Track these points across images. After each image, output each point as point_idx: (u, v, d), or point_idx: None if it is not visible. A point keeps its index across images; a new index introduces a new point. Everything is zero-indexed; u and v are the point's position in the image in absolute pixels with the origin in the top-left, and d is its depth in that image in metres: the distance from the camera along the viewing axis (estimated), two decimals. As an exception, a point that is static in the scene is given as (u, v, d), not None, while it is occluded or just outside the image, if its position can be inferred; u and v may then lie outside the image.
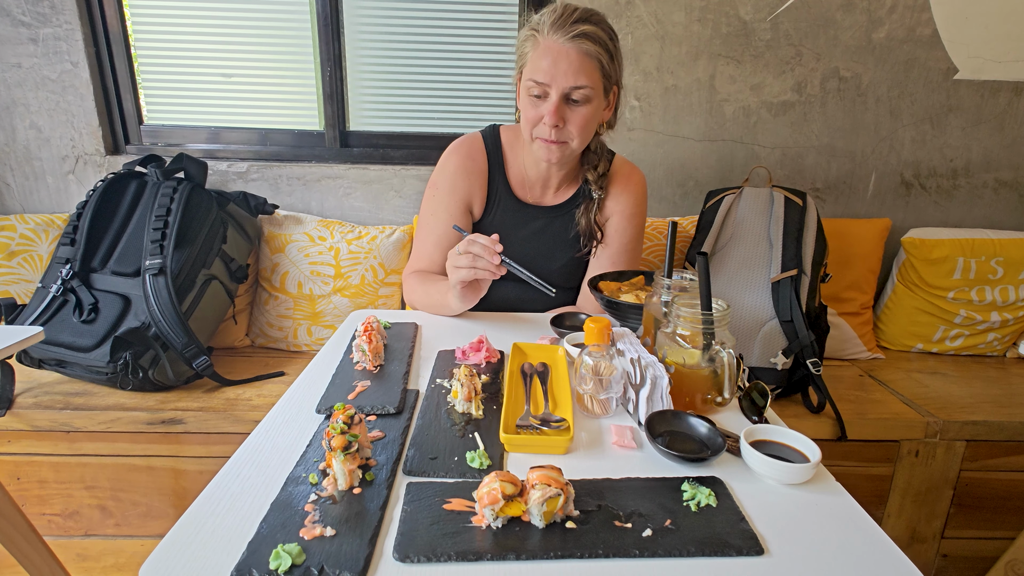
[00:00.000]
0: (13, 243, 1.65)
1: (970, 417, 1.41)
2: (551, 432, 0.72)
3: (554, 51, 1.02)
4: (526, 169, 1.23)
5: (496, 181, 1.22)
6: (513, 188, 1.23)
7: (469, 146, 1.23)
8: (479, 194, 1.22)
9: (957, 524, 1.47)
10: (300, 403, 0.80)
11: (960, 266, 1.73)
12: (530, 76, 1.05)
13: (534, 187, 1.24)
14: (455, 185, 1.20)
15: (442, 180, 1.22)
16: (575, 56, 1.01)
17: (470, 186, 1.21)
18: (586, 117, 1.06)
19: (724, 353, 0.77)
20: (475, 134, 1.25)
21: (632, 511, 0.60)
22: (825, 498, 0.64)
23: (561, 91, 1.03)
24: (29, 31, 1.69)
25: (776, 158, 1.86)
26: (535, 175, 1.22)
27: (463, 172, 1.20)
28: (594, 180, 1.20)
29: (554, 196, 1.25)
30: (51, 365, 1.40)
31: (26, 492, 1.35)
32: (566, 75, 1.02)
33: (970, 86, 1.80)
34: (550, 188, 1.24)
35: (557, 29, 1.01)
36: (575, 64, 1.01)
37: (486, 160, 1.22)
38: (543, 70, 1.02)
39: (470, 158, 1.21)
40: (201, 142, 1.88)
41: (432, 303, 1.15)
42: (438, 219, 1.21)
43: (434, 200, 1.22)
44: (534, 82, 1.04)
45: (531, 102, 1.07)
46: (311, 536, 0.54)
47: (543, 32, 1.03)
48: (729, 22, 1.74)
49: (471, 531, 0.56)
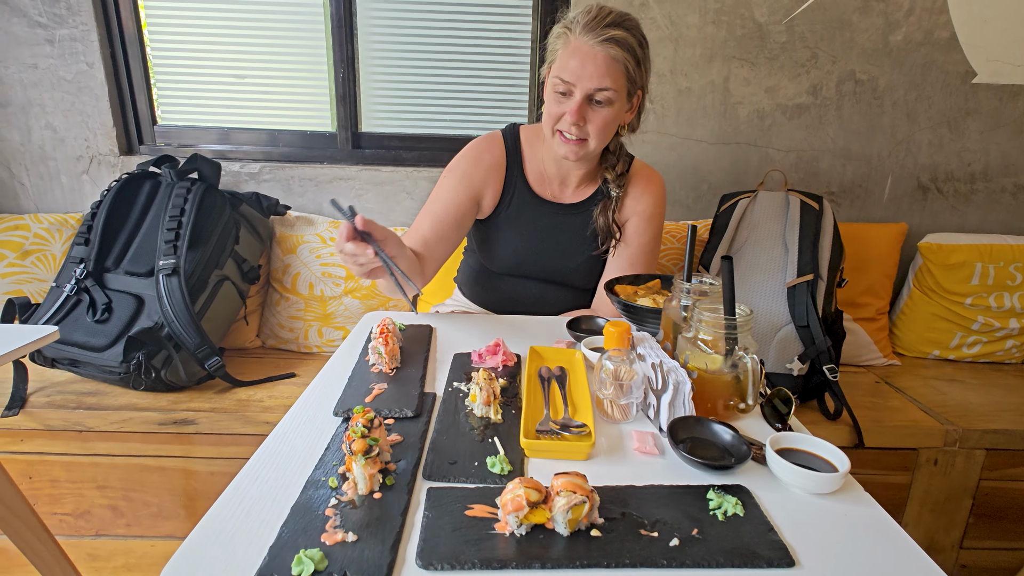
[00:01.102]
0: (27, 242, 1.66)
1: (990, 425, 1.39)
2: (572, 437, 0.71)
3: (583, 52, 1.03)
4: (544, 165, 1.24)
5: (513, 175, 1.24)
6: (531, 183, 1.24)
7: (488, 142, 1.25)
8: (493, 187, 1.24)
9: (976, 534, 1.45)
10: (317, 405, 0.79)
11: (978, 272, 1.71)
12: (557, 73, 1.07)
13: (552, 183, 1.25)
14: (467, 173, 1.22)
15: (457, 166, 1.24)
16: (602, 59, 1.03)
17: (484, 178, 1.23)
18: (606, 119, 1.08)
19: (748, 359, 0.75)
20: (495, 132, 1.28)
21: (657, 519, 0.59)
22: (854, 508, 0.62)
23: (585, 92, 1.05)
24: (46, 32, 1.70)
25: (791, 161, 1.85)
26: (554, 171, 1.24)
27: (479, 164, 1.23)
28: (612, 179, 1.21)
29: (573, 194, 1.25)
30: (64, 364, 1.40)
31: (38, 491, 1.35)
32: (592, 77, 1.03)
33: (988, 89, 1.78)
34: (569, 185, 1.25)
35: (589, 31, 1.03)
36: (601, 67, 1.03)
37: (504, 155, 1.24)
38: (570, 69, 1.04)
39: (488, 152, 1.24)
40: (214, 143, 1.88)
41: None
42: (441, 200, 1.22)
43: (444, 182, 1.24)
44: (560, 80, 1.06)
45: (555, 98, 1.09)
46: (333, 541, 0.53)
47: (575, 32, 1.05)
48: (744, 24, 1.73)
49: (494, 538, 0.55)
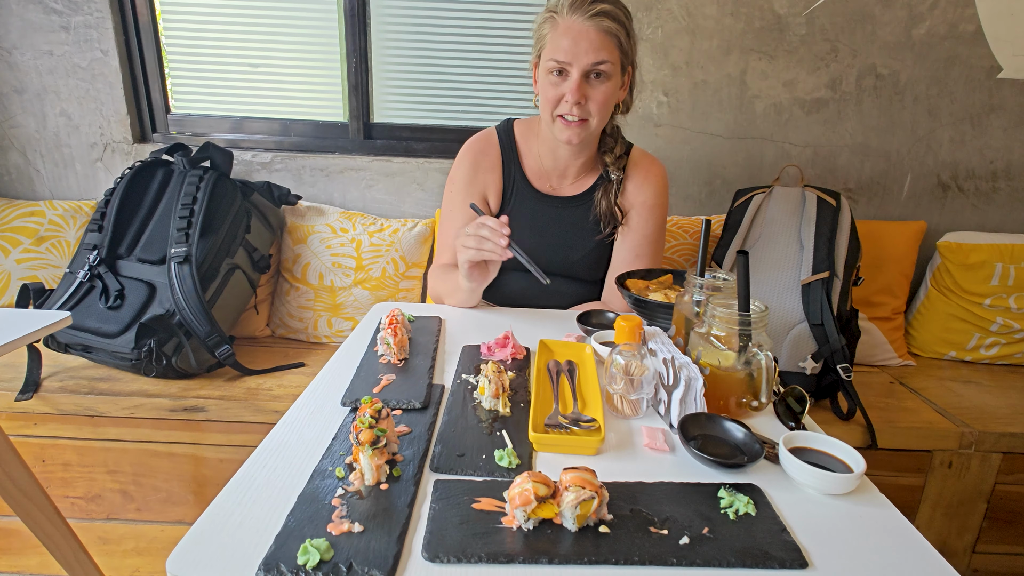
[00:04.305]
0: (42, 228, 1.68)
1: (1007, 429, 1.36)
2: (581, 432, 0.70)
3: (575, 30, 1.04)
4: (542, 159, 1.23)
5: (511, 172, 1.24)
6: (530, 178, 1.24)
7: (483, 141, 1.25)
8: (494, 186, 1.24)
9: (990, 539, 1.42)
10: (325, 395, 0.79)
11: (998, 272, 1.67)
12: (551, 56, 1.07)
13: (551, 176, 1.24)
14: (470, 179, 1.23)
15: (458, 176, 1.24)
16: (595, 34, 1.04)
17: (485, 179, 1.23)
18: (606, 94, 1.08)
19: (761, 356, 0.74)
20: (489, 129, 1.27)
21: (667, 517, 0.58)
22: (869, 510, 0.61)
23: (583, 68, 1.05)
24: (61, 19, 1.71)
25: (807, 157, 1.81)
26: (551, 164, 1.23)
27: (477, 166, 1.23)
28: (612, 162, 1.20)
29: (572, 186, 1.24)
30: (77, 350, 1.42)
31: (51, 474, 1.37)
32: (587, 52, 1.04)
33: (1014, 85, 1.73)
34: (567, 177, 1.24)
35: (576, 9, 1.04)
36: (596, 42, 1.04)
37: (500, 153, 1.24)
38: (564, 49, 1.04)
39: (483, 152, 1.24)
40: (226, 132, 1.88)
41: (448, 288, 1.18)
42: (458, 214, 1.24)
43: (452, 196, 1.25)
44: (555, 61, 1.06)
45: (552, 82, 1.08)
46: (339, 532, 0.53)
47: (562, 13, 1.06)
48: (763, 16, 1.70)
49: (501, 532, 0.54)
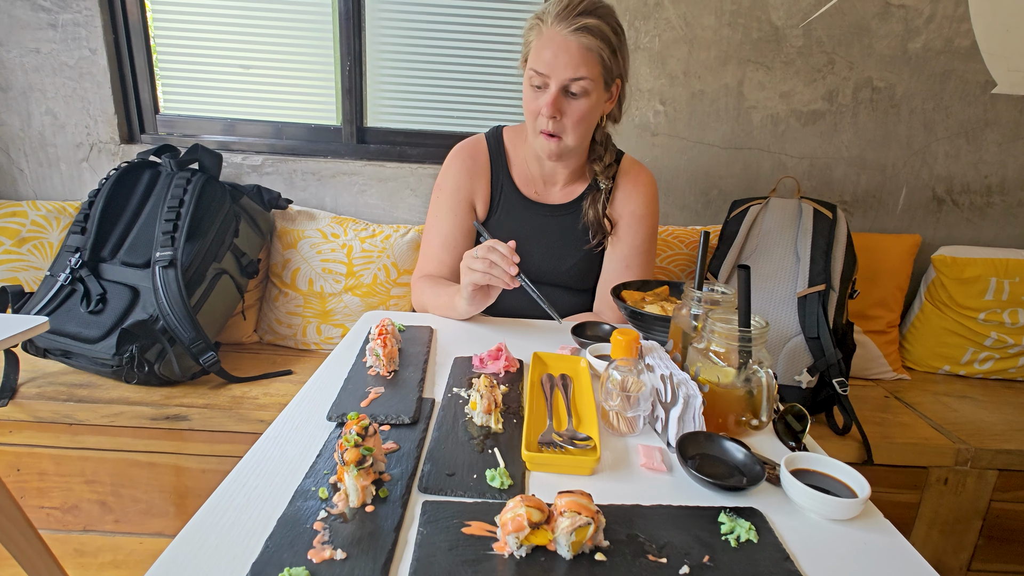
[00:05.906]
0: (24, 229, 1.63)
1: (1003, 445, 1.35)
2: (576, 451, 0.67)
3: (556, 42, 1.01)
4: (529, 165, 1.21)
5: (500, 179, 1.22)
6: (518, 185, 1.22)
7: (471, 147, 1.23)
8: (482, 193, 1.21)
9: (986, 556, 1.41)
10: (310, 408, 0.76)
11: (992, 287, 1.67)
12: (532, 66, 1.05)
13: (538, 183, 1.22)
14: (458, 185, 1.20)
15: (445, 182, 1.22)
16: (575, 49, 1.00)
17: (472, 185, 1.21)
18: (582, 111, 1.05)
19: (762, 373, 0.72)
20: (478, 135, 1.25)
21: (665, 543, 0.55)
22: (875, 537, 0.59)
23: (560, 83, 1.02)
24: (49, 16, 1.67)
25: (804, 168, 1.81)
26: (538, 171, 1.21)
27: (465, 172, 1.20)
28: (601, 171, 1.18)
29: (561, 193, 1.22)
30: (56, 355, 1.38)
31: (26, 484, 1.32)
32: (566, 67, 1.01)
33: (1008, 101, 1.74)
34: (556, 185, 1.22)
35: (561, 20, 1.01)
36: (575, 57, 1.00)
37: (488, 159, 1.22)
38: (544, 61, 1.02)
39: (471, 158, 1.21)
40: (217, 134, 1.85)
41: (440, 303, 1.13)
42: (444, 221, 1.21)
43: (439, 202, 1.22)
44: (535, 72, 1.04)
45: (532, 93, 1.07)
46: (320, 559, 0.50)
47: (547, 22, 1.02)
48: (760, 27, 1.69)
49: (492, 559, 0.51)
